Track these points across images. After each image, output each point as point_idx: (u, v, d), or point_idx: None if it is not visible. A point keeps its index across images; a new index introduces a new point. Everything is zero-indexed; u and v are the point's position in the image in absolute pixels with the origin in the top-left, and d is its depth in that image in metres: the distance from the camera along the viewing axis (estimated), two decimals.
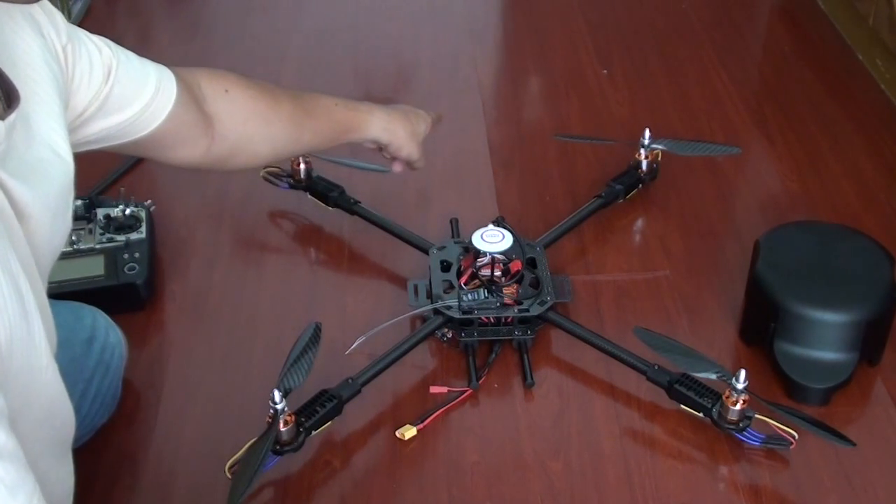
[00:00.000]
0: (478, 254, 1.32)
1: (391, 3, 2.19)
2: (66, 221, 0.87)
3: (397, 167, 1.40)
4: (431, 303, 1.30)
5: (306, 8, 2.16)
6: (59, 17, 0.91)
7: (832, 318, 1.23)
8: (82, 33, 0.95)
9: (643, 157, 1.55)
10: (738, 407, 1.14)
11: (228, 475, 1.12)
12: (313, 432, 1.16)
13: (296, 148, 1.29)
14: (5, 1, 0.73)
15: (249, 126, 1.17)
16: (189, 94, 1.08)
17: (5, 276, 0.70)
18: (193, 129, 1.10)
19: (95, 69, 0.96)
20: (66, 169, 0.85)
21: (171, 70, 1.07)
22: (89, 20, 2.08)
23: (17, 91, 0.78)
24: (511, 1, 2.27)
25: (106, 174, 1.61)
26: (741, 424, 1.15)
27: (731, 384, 1.13)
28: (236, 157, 1.19)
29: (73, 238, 1.40)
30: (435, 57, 2.00)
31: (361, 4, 2.18)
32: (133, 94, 1.01)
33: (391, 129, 1.32)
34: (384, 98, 1.87)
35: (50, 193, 0.82)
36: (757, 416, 1.15)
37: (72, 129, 0.95)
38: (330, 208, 1.52)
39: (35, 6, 0.86)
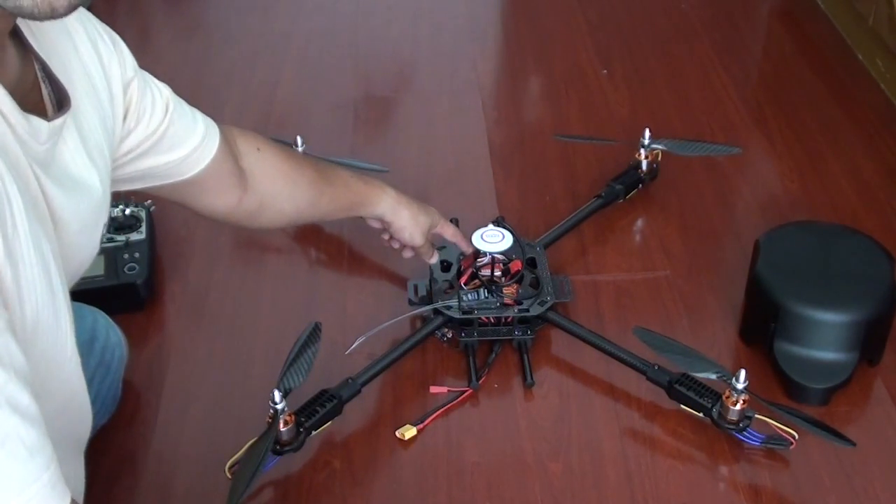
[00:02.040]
0: (478, 254, 1.32)
1: (391, 4, 2.19)
2: (94, 242, 0.90)
3: (407, 253, 1.40)
4: (431, 303, 1.30)
5: (306, 8, 2.16)
6: (128, 54, 0.98)
7: (832, 318, 1.23)
8: (147, 74, 1.03)
9: (643, 157, 1.55)
10: (738, 407, 1.14)
11: (228, 475, 1.12)
12: (313, 432, 1.16)
13: (314, 212, 1.31)
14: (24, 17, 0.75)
15: (277, 184, 1.22)
16: (228, 147, 1.13)
17: (38, 259, 0.72)
18: (230, 179, 1.14)
19: (157, 107, 1.02)
20: (102, 193, 0.88)
21: (212, 121, 1.12)
22: None
23: (69, 98, 0.81)
24: (511, 1, 2.27)
25: None
26: (741, 424, 1.15)
27: (731, 384, 1.13)
28: (263, 213, 1.22)
29: None
30: (435, 57, 2.00)
31: (361, 4, 2.18)
32: (184, 136, 1.06)
33: (397, 210, 1.33)
34: (384, 98, 1.87)
35: (84, 208, 0.84)
36: (757, 416, 1.15)
37: (124, 162, 1.00)
38: None
39: (101, 42, 0.93)
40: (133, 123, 0.98)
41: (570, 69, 1.94)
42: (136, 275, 1.37)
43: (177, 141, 1.05)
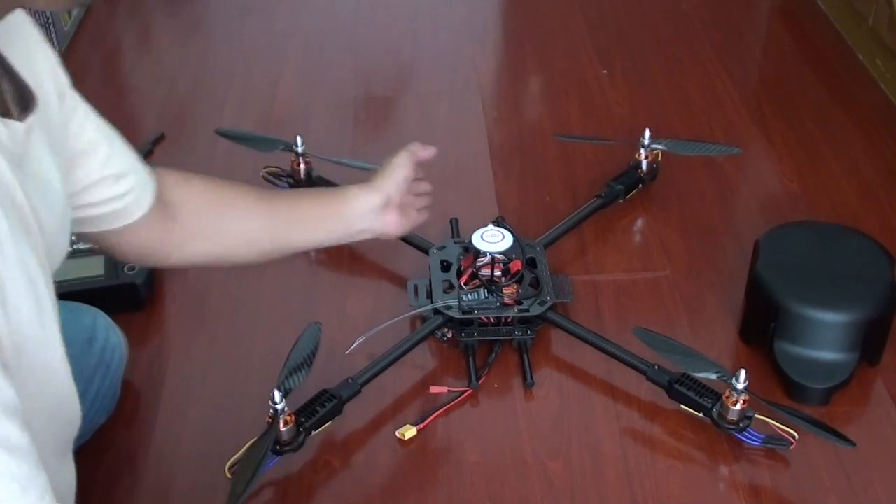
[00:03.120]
0: (478, 254, 1.32)
1: (391, 4, 2.19)
2: (65, 242, 0.88)
3: (424, 202, 1.32)
4: (431, 303, 1.30)
5: (306, 8, 2.16)
6: (61, 69, 0.90)
7: (832, 318, 1.23)
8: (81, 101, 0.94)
9: (643, 157, 1.55)
10: (738, 407, 1.14)
11: (228, 475, 1.12)
12: (313, 432, 1.16)
13: (277, 236, 1.18)
14: (37, 8, 0.73)
15: (208, 211, 1.12)
16: (160, 184, 1.05)
17: (22, 275, 0.71)
18: (154, 216, 1.03)
19: (88, 130, 0.94)
20: (61, 194, 0.85)
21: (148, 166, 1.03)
22: (89, 20, 2.08)
23: (34, 96, 0.78)
24: (511, 1, 2.27)
25: None
26: (741, 424, 1.15)
27: (731, 384, 1.13)
28: (194, 240, 1.11)
29: (73, 238, 1.39)
30: (435, 57, 2.00)
31: (361, 4, 2.18)
32: (127, 169, 0.98)
33: (372, 185, 1.23)
34: (384, 98, 1.87)
35: (55, 209, 0.83)
36: (757, 416, 1.15)
37: (74, 193, 0.94)
38: None
39: (47, 47, 0.87)
40: (72, 144, 0.92)
41: (570, 69, 1.94)
42: (136, 275, 1.37)
43: (119, 175, 0.98)
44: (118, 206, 0.99)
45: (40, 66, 0.86)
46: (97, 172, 0.96)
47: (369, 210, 1.23)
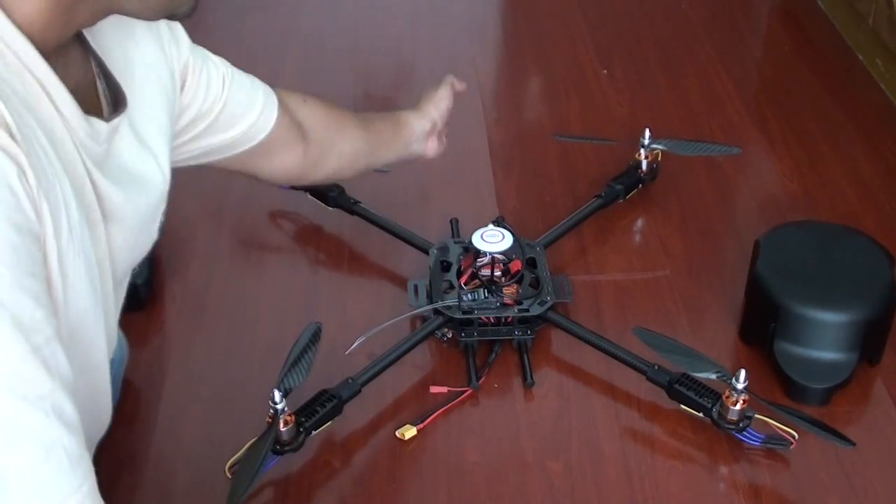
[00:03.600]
0: (478, 254, 1.32)
1: (390, 3, 2.19)
2: (153, 233, 0.92)
3: (459, 87, 1.45)
4: (431, 303, 1.30)
5: (306, 8, 2.16)
6: (182, 33, 0.99)
7: (832, 318, 1.23)
8: (204, 51, 1.04)
9: (643, 157, 1.55)
10: (737, 407, 1.14)
11: (228, 475, 1.12)
12: (313, 432, 1.16)
13: (372, 152, 1.34)
14: (130, 16, 0.78)
15: (330, 130, 1.27)
16: (284, 106, 1.17)
17: (84, 266, 0.73)
18: (291, 135, 1.19)
19: (213, 84, 1.04)
20: (162, 182, 0.90)
21: (268, 86, 1.15)
22: None
23: (125, 96, 0.82)
24: (511, 1, 2.27)
25: None
26: (741, 424, 1.15)
27: (731, 384, 1.13)
28: (327, 161, 1.27)
29: None
30: (435, 57, 2.00)
31: (361, 4, 2.18)
32: (244, 110, 1.10)
33: (421, 112, 1.39)
34: (384, 98, 1.87)
35: (142, 203, 0.86)
36: (757, 416, 1.15)
37: (184, 141, 1.03)
38: (330, 208, 1.52)
39: (162, 23, 0.93)
40: (188, 100, 1.01)
41: (570, 69, 1.94)
42: (136, 275, 1.35)
43: (238, 115, 1.09)
44: (237, 136, 1.10)
45: (155, 55, 0.91)
46: (214, 120, 1.06)
47: (421, 134, 1.39)
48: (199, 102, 1.03)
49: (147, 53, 0.91)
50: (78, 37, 0.79)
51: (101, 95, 0.81)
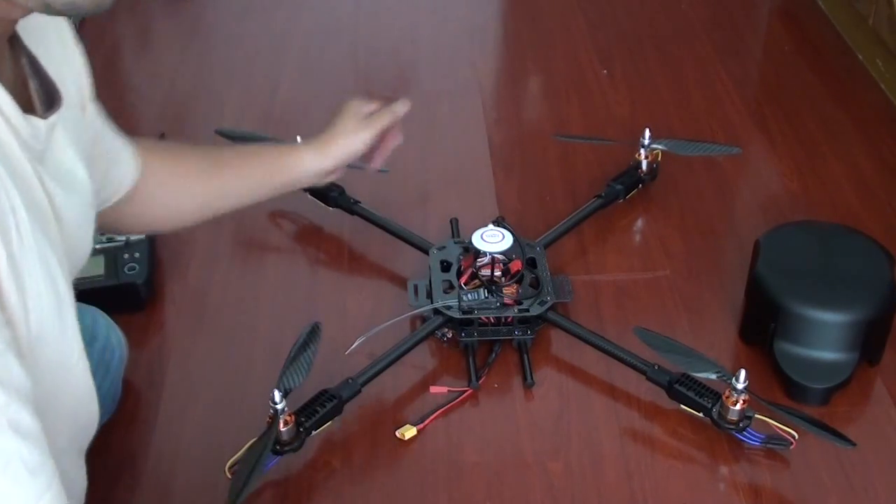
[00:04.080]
0: (478, 254, 1.32)
1: (391, 3, 2.19)
2: (89, 236, 0.90)
3: (377, 163, 1.35)
4: (431, 303, 1.30)
5: (306, 8, 2.16)
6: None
7: (832, 318, 1.23)
8: None
9: (643, 157, 1.55)
10: (737, 407, 1.14)
11: (228, 475, 1.12)
12: (313, 432, 1.16)
13: (224, 198, 1.23)
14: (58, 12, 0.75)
15: (164, 178, 1.15)
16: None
17: (43, 270, 0.72)
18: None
19: (105, 137, 1.01)
20: (87, 186, 0.88)
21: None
22: (89, 20, 2.08)
23: (59, 94, 0.80)
24: (511, 1, 2.27)
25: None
26: (741, 424, 1.15)
27: (730, 384, 1.13)
28: (154, 210, 1.16)
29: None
30: (435, 57, 2.00)
31: (361, 4, 2.18)
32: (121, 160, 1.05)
33: (325, 151, 1.26)
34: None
35: (78, 203, 0.84)
36: (757, 416, 1.15)
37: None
38: (330, 208, 1.52)
39: (78, 53, 0.91)
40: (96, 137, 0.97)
41: (570, 69, 1.94)
42: (136, 275, 1.37)
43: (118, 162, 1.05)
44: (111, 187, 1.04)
45: (68, 69, 0.88)
46: (106, 170, 1.01)
47: (316, 174, 1.28)
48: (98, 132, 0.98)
49: (73, 62, 0.89)
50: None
51: (33, 94, 0.79)
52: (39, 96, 0.79)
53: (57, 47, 0.86)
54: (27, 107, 0.76)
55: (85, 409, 0.85)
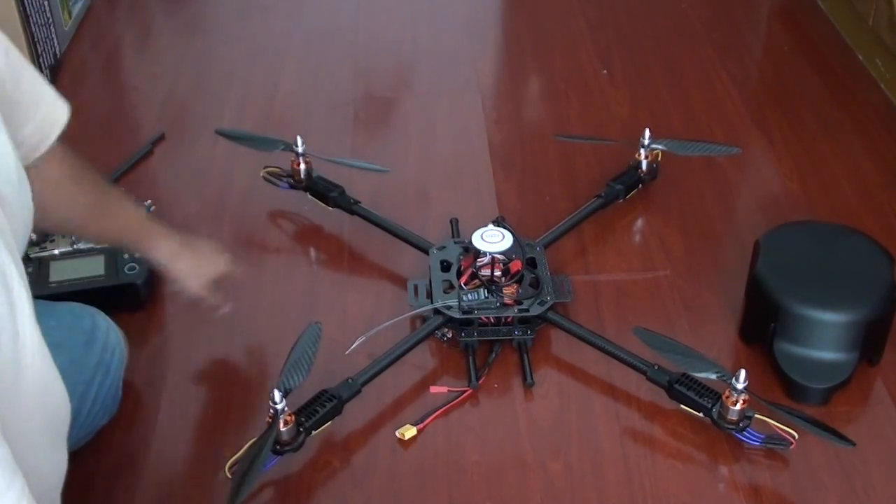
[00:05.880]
0: (478, 254, 1.32)
1: (391, 3, 2.19)
2: (28, 215, 0.85)
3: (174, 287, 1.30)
4: (431, 303, 1.30)
5: (306, 8, 2.16)
6: None
7: (832, 318, 1.23)
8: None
9: (643, 157, 1.55)
10: (737, 407, 1.14)
11: (228, 475, 1.12)
12: (313, 432, 1.16)
13: (82, 232, 1.28)
14: None
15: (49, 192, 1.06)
16: None
17: None
18: None
19: (27, 83, 0.93)
20: (15, 162, 0.82)
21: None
22: (89, 20, 2.08)
23: None
24: (511, 1, 2.27)
25: (106, 174, 1.61)
26: (741, 424, 1.15)
27: (731, 384, 1.13)
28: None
29: (73, 238, 1.40)
30: (435, 57, 2.00)
31: (361, 4, 2.18)
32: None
33: (174, 259, 1.24)
34: (384, 98, 1.87)
35: (11, 178, 0.80)
36: (757, 416, 1.15)
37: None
38: (330, 208, 1.52)
39: None
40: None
41: (570, 69, 1.94)
42: (136, 275, 1.37)
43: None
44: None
45: None
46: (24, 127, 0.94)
47: (156, 264, 1.26)
48: None
49: None
50: None
51: None
52: None
53: None
54: None
55: (51, 396, 0.82)
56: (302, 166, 1.52)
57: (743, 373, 1.12)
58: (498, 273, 1.32)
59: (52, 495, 0.85)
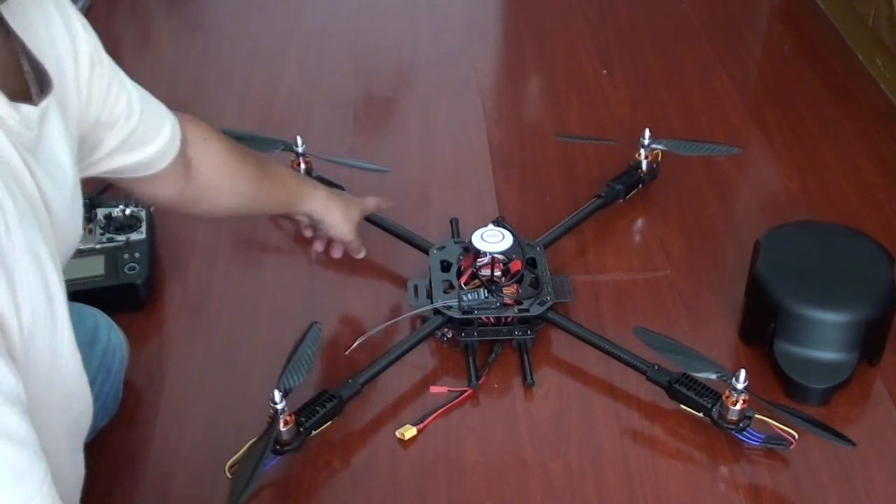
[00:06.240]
0: (478, 254, 1.32)
1: (391, 3, 2.19)
2: (78, 225, 0.89)
3: (336, 252, 1.44)
4: (431, 303, 1.30)
5: (306, 8, 2.16)
6: (94, 35, 0.94)
7: (832, 318, 1.23)
8: (117, 69, 0.98)
9: (643, 157, 1.55)
10: (737, 407, 1.14)
11: (228, 475, 1.12)
12: (313, 432, 1.16)
13: (250, 208, 1.31)
14: None
15: (217, 176, 1.21)
16: (183, 139, 1.11)
17: (32, 263, 0.71)
18: (177, 169, 1.12)
19: (120, 104, 0.98)
20: (72, 170, 0.86)
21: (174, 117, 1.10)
22: (89, 20, 2.06)
23: (50, 78, 0.79)
24: (511, 1, 2.27)
25: None
26: (741, 424, 1.15)
27: (730, 384, 1.13)
28: (200, 203, 1.21)
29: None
30: (435, 57, 2.00)
31: (361, 4, 2.18)
32: (153, 135, 1.05)
33: (328, 207, 1.35)
34: (384, 98, 1.87)
35: (66, 192, 0.83)
36: (757, 416, 1.15)
37: (95, 160, 0.99)
38: None
39: (73, 24, 0.89)
40: (95, 114, 0.95)
41: (570, 69, 1.94)
42: (136, 275, 1.37)
43: (145, 139, 1.04)
44: (144, 160, 1.05)
45: (63, 37, 0.86)
46: (128, 136, 1.01)
47: (308, 215, 1.37)
48: (107, 114, 0.97)
49: (59, 41, 0.86)
50: None
51: (26, 77, 0.77)
52: (34, 81, 0.78)
53: (41, 27, 0.84)
54: (20, 91, 0.75)
55: (77, 401, 0.84)
56: (302, 166, 1.52)
57: (743, 373, 1.12)
58: (498, 273, 1.32)
59: (72, 497, 0.85)
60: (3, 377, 0.64)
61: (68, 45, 0.88)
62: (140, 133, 1.02)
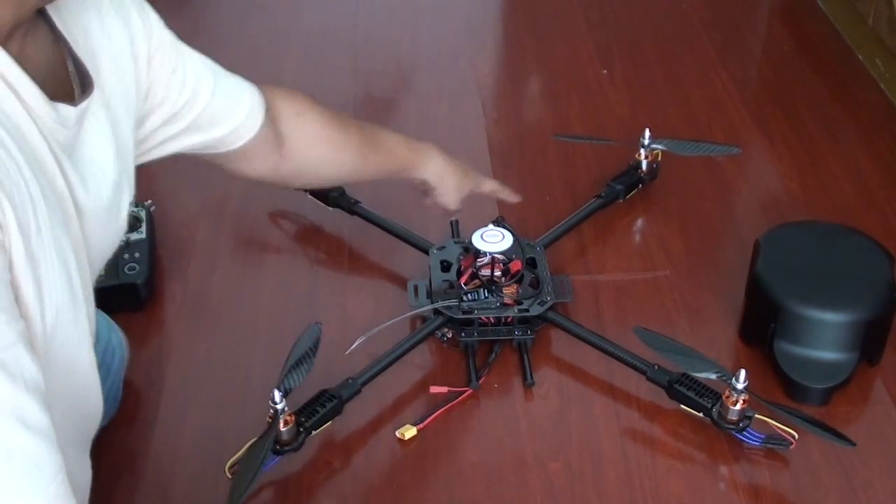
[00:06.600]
0: (478, 254, 1.32)
1: (391, 3, 2.19)
2: (120, 225, 0.89)
3: (430, 203, 1.41)
4: (431, 303, 1.30)
5: (306, 8, 2.16)
6: (157, 26, 0.93)
7: (832, 318, 1.23)
8: (183, 47, 0.98)
9: (643, 157, 1.55)
10: (737, 407, 1.14)
11: (228, 475, 1.12)
12: (313, 432, 1.16)
13: (358, 177, 1.32)
14: None
15: (316, 150, 1.21)
16: (271, 115, 1.11)
17: (59, 261, 0.72)
18: (266, 146, 1.12)
19: (189, 85, 0.98)
20: (114, 170, 0.86)
21: (258, 89, 1.10)
22: None
23: (91, 79, 0.80)
24: (511, 1, 2.27)
25: None
26: (741, 424, 1.15)
27: (730, 384, 1.13)
28: (300, 178, 1.25)
29: None
30: (435, 57, 2.00)
31: (361, 4, 2.18)
32: (224, 116, 1.04)
33: (443, 177, 1.34)
34: (384, 98, 1.87)
35: (104, 192, 0.83)
36: (757, 416, 1.15)
37: (158, 143, 0.98)
38: (330, 208, 1.52)
39: (130, 14, 0.88)
40: (161, 96, 0.95)
41: (570, 69, 1.94)
42: (136, 275, 1.37)
43: (219, 118, 1.03)
44: (215, 138, 1.04)
45: (118, 30, 0.86)
46: (197, 118, 1.00)
47: (421, 179, 1.34)
48: (172, 100, 0.96)
49: (115, 37, 0.86)
50: (43, 16, 0.77)
51: (71, 77, 0.78)
52: (77, 81, 0.79)
53: (94, 21, 0.84)
54: (64, 91, 0.76)
55: (90, 402, 0.85)
56: None
57: (743, 373, 1.12)
58: (498, 273, 1.32)
59: (82, 498, 0.85)
60: (26, 366, 0.65)
61: (125, 40, 0.88)
62: (211, 112, 1.01)
